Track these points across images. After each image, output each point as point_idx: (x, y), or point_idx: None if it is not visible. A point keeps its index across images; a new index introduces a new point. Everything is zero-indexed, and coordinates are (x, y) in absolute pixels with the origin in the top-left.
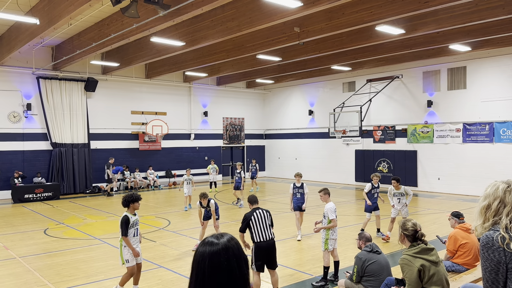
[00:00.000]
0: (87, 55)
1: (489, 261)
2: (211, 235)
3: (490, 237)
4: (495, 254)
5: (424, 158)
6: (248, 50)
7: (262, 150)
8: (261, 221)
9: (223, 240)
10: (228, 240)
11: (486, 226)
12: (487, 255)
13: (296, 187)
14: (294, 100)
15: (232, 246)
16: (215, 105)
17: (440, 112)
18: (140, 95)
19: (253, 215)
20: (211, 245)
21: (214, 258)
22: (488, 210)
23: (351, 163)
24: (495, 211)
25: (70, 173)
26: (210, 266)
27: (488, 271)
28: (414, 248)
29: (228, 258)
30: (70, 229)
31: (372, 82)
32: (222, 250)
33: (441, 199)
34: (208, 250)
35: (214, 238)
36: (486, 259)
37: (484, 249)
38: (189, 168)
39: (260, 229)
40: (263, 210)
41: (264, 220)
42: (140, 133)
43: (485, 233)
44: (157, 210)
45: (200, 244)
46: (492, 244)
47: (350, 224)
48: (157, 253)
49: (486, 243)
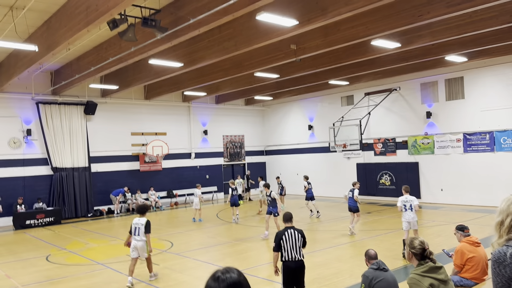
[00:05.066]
0: (86, 79)
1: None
2: (221, 270)
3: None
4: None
5: (426, 170)
6: (246, 68)
7: (263, 166)
8: (291, 240)
9: (233, 275)
10: (239, 274)
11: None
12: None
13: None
14: (293, 115)
15: (243, 281)
16: (215, 123)
17: (440, 123)
18: (139, 116)
19: (285, 234)
20: (222, 281)
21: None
22: (501, 226)
23: (353, 177)
24: (508, 227)
25: (71, 197)
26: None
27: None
28: (422, 267)
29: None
30: (73, 255)
31: (370, 95)
32: (234, 285)
33: (445, 210)
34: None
35: (224, 273)
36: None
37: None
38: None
39: (290, 249)
40: (295, 230)
41: (294, 240)
42: (141, 154)
43: (497, 249)
44: (160, 232)
45: (211, 278)
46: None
47: (355, 239)
48: (160, 276)
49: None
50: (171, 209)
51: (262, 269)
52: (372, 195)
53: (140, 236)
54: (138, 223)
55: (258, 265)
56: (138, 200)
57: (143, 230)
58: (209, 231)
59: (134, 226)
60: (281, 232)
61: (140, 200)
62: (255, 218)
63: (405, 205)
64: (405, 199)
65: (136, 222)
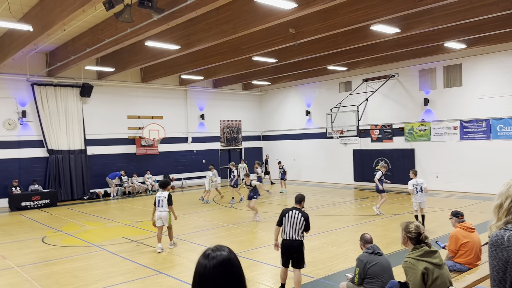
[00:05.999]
0: (82, 61)
1: (497, 260)
2: (210, 247)
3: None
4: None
5: (422, 156)
6: (244, 52)
7: (260, 151)
8: (291, 220)
9: (224, 253)
10: (229, 252)
11: (498, 225)
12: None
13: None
14: (291, 101)
15: (233, 258)
16: (212, 107)
17: (437, 110)
18: (136, 100)
19: (288, 212)
20: (212, 258)
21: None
22: (500, 209)
23: (349, 163)
24: (507, 210)
25: (67, 180)
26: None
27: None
28: (417, 251)
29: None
30: (69, 237)
31: (368, 81)
32: (224, 262)
33: (440, 197)
34: (211, 263)
35: (214, 250)
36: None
37: (492, 248)
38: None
39: (289, 228)
40: (299, 212)
41: (294, 220)
42: (137, 138)
43: (495, 232)
44: None
45: (201, 256)
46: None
47: (350, 224)
48: (156, 259)
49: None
50: None
51: (256, 252)
52: (368, 181)
53: (164, 207)
54: (161, 196)
55: (253, 248)
56: (135, 184)
57: (166, 202)
58: (206, 214)
59: (158, 199)
60: (286, 210)
61: (137, 184)
62: None
63: (416, 188)
64: (416, 182)
65: (159, 195)
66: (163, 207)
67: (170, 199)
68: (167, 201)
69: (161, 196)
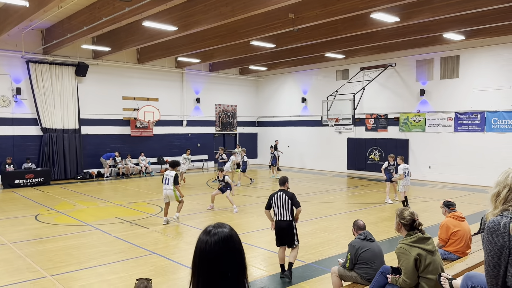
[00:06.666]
0: (78, 39)
1: (493, 245)
2: (213, 224)
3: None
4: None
5: (416, 147)
6: (242, 36)
7: (255, 137)
8: (278, 201)
9: (225, 230)
10: (230, 229)
11: (495, 213)
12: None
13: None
14: (287, 87)
15: (235, 235)
16: (208, 91)
17: (433, 101)
18: (131, 81)
19: (275, 195)
20: (214, 235)
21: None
22: (497, 197)
23: (343, 151)
24: (504, 198)
25: (61, 159)
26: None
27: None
28: (411, 237)
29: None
30: (62, 215)
31: (366, 70)
32: (225, 239)
33: (431, 187)
34: (212, 239)
35: (216, 227)
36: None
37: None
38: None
39: (277, 209)
40: (284, 193)
41: (281, 202)
42: (132, 119)
43: (492, 218)
44: (149, 196)
45: (202, 233)
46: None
47: (342, 211)
48: (149, 239)
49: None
50: (161, 175)
51: (249, 236)
52: (361, 169)
53: (169, 185)
54: (169, 175)
55: (246, 232)
56: (129, 165)
57: (172, 181)
58: (199, 197)
59: (165, 177)
60: (272, 194)
61: (131, 165)
62: (247, 188)
63: (405, 172)
64: (405, 167)
65: (167, 174)
66: (169, 184)
67: (176, 178)
68: (173, 180)
69: (168, 175)
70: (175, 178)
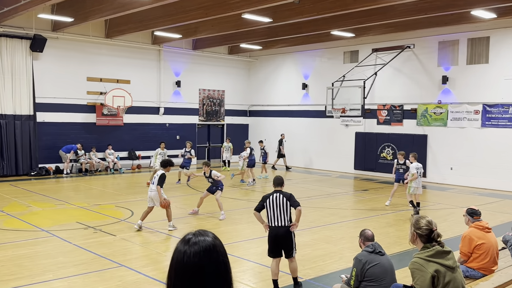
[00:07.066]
0: (34, 7)
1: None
2: (193, 232)
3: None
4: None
5: (435, 144)
6: (232, 7)
7: (246, 129)
8: (274, 205)
9: (207, 238)
10: (213, 238)
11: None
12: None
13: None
14: (285, 71)
15: (219, 245)
16: (190, 73)
17: (457, 90)
18: (98, 58)
19: (269, 197)
20: (194, 244)
21: (197, 257)
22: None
23: (350, 148)
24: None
25: (11, 151)
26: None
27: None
28: (427, 251)
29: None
30: (12, 218)
31: (379, 52)
32: (207, 249)
33: (453, 192)
34: (191, 249)
35: (196, 235)
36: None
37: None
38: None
39: (272, 213)
40: (281, 194)
41: (278, 204)
42: (98, 105)
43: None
44: (118, 198)
45: (180, 242)
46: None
47: (347, 219)
48: (117, 249)
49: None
50: (133, 172)
51: (236, 247)
52: (371, 170)
53: (155, 186)
54: (157, 174)
55: (232, 241)
56: (93, 160)
57: (157, 181)
58: (177, 200)
59: (154, 176)
60: (267, 195)
61: (96, 160)
62: (235, 190)
63: (418, 171)
64: (417, 166)
65: (157, 174)
66: (154, 185)
67: (160, 179)
68: (157, 179)
69: (157, 174)
70: (160, 178)
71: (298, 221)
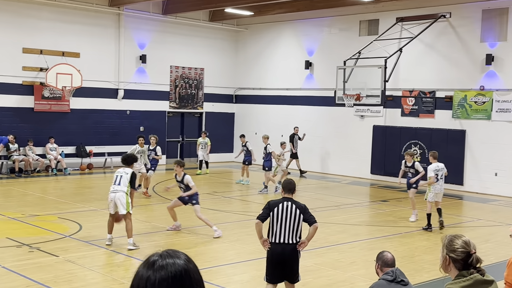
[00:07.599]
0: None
1: None
2: (159, 253)
3: None
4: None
5: (476, 142)
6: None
7: (231, 119)
8: (284, 216)
9: (178, 261)
10: (186, 261)
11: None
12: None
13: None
14: (284, 44)
15: (192, 270)
16: (159, 46)
17: (505, 73)
18: (37, 24)
19: (278, 205)
20: (160, 269)
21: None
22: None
23: (366, 146)
24: None
25: None
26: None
27: None
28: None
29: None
30: None
31: (405, 22)
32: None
33: (497, 204)
34: (157, 275)
35: (164, 257)
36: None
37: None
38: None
39: (279, 227)
40: (293, 204)
41: (288, 215)
42: (37, 85)
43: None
44: (62, 206)
45: (143, 265)
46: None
47: (361, 238)
48: (60, 273)
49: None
50: (81, 174)
51: (216, 272)
52: (391, 175)
53: (121, 186)
54: (123, 172)
55: (211, 266)
56: (30, 157)
57: (126, 180)
58: (142, 212)
59: (116, 175)
60: (275, 203)
61: (33, 157)
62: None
63: (437, 174)
64: (437, 167)
65: (119, 171)
66: (120, 185)
67: (133, 178)
68: (129, 179)
69: (121, 172)
70: (132, 178)
71: (309, 240)
